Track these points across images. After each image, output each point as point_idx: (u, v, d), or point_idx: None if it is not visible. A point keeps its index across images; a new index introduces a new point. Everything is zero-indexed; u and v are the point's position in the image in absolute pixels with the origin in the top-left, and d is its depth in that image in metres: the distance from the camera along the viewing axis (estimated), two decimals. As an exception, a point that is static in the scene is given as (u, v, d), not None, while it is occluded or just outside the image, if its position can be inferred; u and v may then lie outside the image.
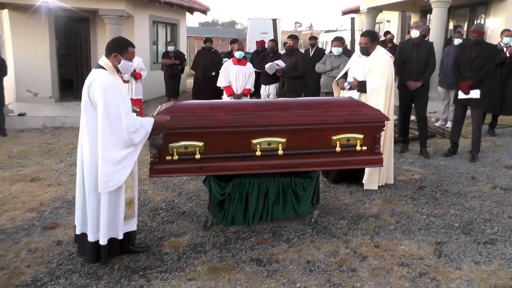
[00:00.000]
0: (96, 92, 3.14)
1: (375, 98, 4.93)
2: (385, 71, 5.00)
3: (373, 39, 5.19)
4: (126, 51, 3.42)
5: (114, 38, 3.61)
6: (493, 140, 7.71)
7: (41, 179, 5.64)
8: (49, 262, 3.53)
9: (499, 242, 3.95)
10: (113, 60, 3.35)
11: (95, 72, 3.27)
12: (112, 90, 3.18)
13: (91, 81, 3.19)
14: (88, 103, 3.20)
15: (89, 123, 3.21)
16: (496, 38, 9.94)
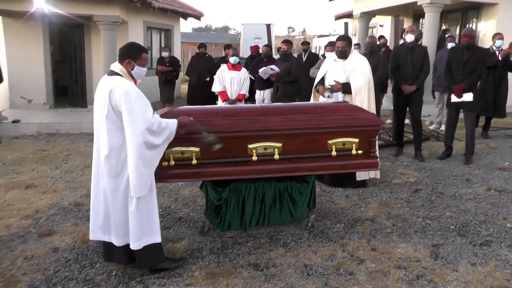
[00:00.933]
0: (120, 99, 3.08)
1: (360, 98, 5.11)
2: (366, 72, 5.18)
3: (350, 43, 5.37)
4: (140, 57, 3.37)
5: (127, 44, 3.55)
6: (487, 143, 7.76)
7: (36, 186, 5.61)
8: (45, 270, 3.51)
9: (494, 243, 3.98)
10: (126, 66, 3.31)
11: (113, 79, 3.21)
12: (137, 96, 3.15)
13: (112, 89, 3.12)
14: (111, 112, 3.13)
15: (111, 131, 3.17)
16: (488, 42, 10.04)
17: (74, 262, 3.63)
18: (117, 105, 3.11)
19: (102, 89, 3.22)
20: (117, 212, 3.28)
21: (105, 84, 3.22)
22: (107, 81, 3.23)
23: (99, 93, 3.24)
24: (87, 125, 9.40)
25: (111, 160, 3.21)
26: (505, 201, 5.04)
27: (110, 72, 3.32)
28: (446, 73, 6.55)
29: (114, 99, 3.11)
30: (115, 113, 3.14)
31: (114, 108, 3.13)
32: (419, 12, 12.01)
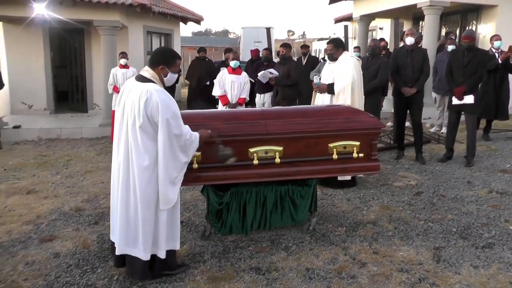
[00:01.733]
0: (157, 109, 2.99)
1: (342, 97, 5.21)
2: (350, 72, 5.20)
3: (337, 46, 5.44)
4: (174, 64, 3.30)
5: (161, 49, 3.47)
6: (488, 145, 7.75)
7: (37, 191, 5.61)
8: (46, 275, 3.51)
9: (497, 246, 3.96)
10: (159, 72, 3.21)
11: (147, 86, 3.07)
12: (174, 107, 3.09)
13: (148, 98, 3.00)
14: (146, 122, 3.02)
15: (145, 142, 3.07)
16: (488, 44, 10.07)
17: (75, 267, 3.62)
18: (153, 115, 3.01)
19: (133, 96, 3.08)
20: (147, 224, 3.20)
21: (137, 90, 3.08)
22: (139, 87, 3.09)
23: (130, 101, 3.10)
24: (87, 130, 9.42)
25: (148, 172, 3.10)
26: (507, 203, 5.03)
27: (140, 77, 3.20)
28: (447, 76, 6.55)
29: (151, 109, 3.00)
30: (151, 123, 3.04)
31: (149, 118, 3.03)
32: (419, 14, 12.02)
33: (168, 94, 3.14)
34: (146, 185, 3.12)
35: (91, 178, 6.21)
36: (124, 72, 8.43)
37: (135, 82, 3.17)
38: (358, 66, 5.33)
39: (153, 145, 3.09)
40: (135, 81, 3.19)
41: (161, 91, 3.09)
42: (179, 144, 3.11)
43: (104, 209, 4.94)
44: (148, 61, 3.34)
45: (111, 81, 8.46)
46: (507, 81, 7.80)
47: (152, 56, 3.33)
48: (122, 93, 3.25)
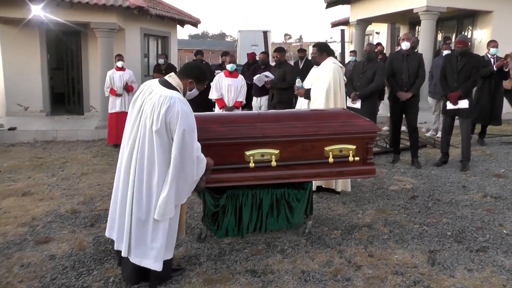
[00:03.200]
0: (177, 118, 2.96)
1: (317, 103, 5.24)
2: (328, 78, 5.20)
3: (321, 50, 5.46)
4: (203, 83, 3.35)
5: (197, 65, 3.49)
6: (483, 150, 7.80)
7: (33, 193, 5.60)
8: (42, 277, 3.50)
9: (491, 249, 3.99)
10: (186, 84, 3.23)
11: (170, 93, 3.06)
12: (193, 120, 3.07)
13: (170, 106, 2.97)
14: (163, 128, 2.99)
15: (159, 148, 3.02)
16: (483, 50, 10.13)
17: (71, 269, 3.62)
18: (172, 123, 2.98)
19: (155, 99, 3.05)
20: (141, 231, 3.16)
21: (160, 94, 3.06)
22: (163, 92, 3.07)
23: (151, 103, 3.06)
24: (84, 132, 9.42)
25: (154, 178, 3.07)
26: (501, 207, 5.06)
27: (164, 82, 3.18)
28: (441, 81, 6.59)
29: (170, 117, 2.97)
30: (167, 130, 3.01)
31: (167, 125, 2.99)
32: (415, 19, 12.09)
33: (190, 106, 3.12)
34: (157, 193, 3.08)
35: (87, 180, 6.20)
36: (120, 74, 8.43)
37: (158, 85, 3.15)
38: (338, 73, 5.29)
39: (165, 152, 3.05)
40: (158, 84, 3.17)
41: (184, 101, 3.09)
42: (190, 158, 3.07)
43: (100, 211, 4.94)
44: (179, 70, 3.35)
45: (107, 84, 8.45)
46: (501, 87, 7.87)
47: (185, 67, 3.36)
48: (140, 92, 3.24)
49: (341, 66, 5.42)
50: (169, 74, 3.30)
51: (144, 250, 3.16)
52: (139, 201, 3.12)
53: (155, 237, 3.14)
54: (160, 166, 3.04)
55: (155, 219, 3.10)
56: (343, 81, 5.39)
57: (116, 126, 8.38)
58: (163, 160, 3.04)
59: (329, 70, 5.24)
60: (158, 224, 3.13)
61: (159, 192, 3.07)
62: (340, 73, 5.34)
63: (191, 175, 3.12)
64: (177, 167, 3.01)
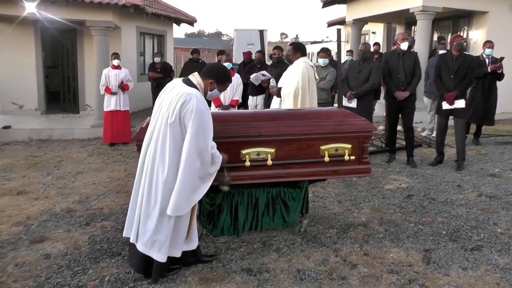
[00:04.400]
0: (191, 114, 3.03)
1: (287, 102, 5.35)
2: (297, 78, 5.30)
3: (296, 49, 5.53)
4: (224, 84, 3.42)
5: (219, 66, 3.57)
6: (478, 149, 7.83)
7: (28, 192, 5.58)
8: (37, 276, 3.49)
9: (485, 248, 4.01)
10: (207, 84, 3.30)
11: (189, 90, 3.15)
12: (208, 118, 3.12)
13: (186, 101, 3.06)
14: (177, 121, 3.07)
15: (171, 141, 3.09)
16: (479, 50, 10.16)
17: (66, 268, 3.61)
18: (185, 118, 3.05)
19: (173, 94, 3.15)
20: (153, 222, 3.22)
21: (179, 90, 3.15)
22: (182, 88, 3.16)
23: (169, 98, 3.16)
24: (79, 131, 9.39)
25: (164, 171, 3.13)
26: (496, 206, 5.09)
27: (186, 80, 3.27)
28: (436, 80, 6.60)
29: (185, 112, 3.05)
30: (181, 124, 3.08)
31: (181, 120, 3.07)
32: (411, 19, 12.11)
33: (207, 105, 3.18)
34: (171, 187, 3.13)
35: (83, 179, 6.18)
36: (116, 73, 8.40)
37: (180, 83, 3.25)
38: (308, 72, 5.34)
39: (177, 147, 3.10)
40: (181, 82, 3.27)
41: (201, 100, 3.15)
42: (202, 155, 3.10)
43: (95, 210, 4.93)
44: (202, 71, 3.40)
45: (103, 82, 8.42)
46: (495, 87, 7.92)
47: (207, 68, 3.42)
48: (165, 89, 3.32)
49: (312, 66, 5.49)
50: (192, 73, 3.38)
51: (149, 240, 3.22)
52: (148, 193, 3.20)
53: (158, 230, 3.21)
54: (170, 160, 3.11)
55: (160, 212, 3.16)
56: (313, 80, 5.44)
57: (111, 124, 8.37)
58: (174, 154, 3.10)
59: (299, 70, 5.32)
60: (162, 218, 3.19)
61: (167, 185, 3.12)
62: (310, 73, 5.40)
63: (203, 172, 3.17)
64: (187, 163, 3.06)
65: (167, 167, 3.12)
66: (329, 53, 7.54)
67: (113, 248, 3.99)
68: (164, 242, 3.22)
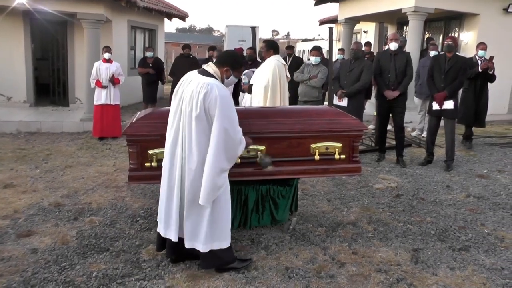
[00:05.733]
0: (215, 103, 3.05)
1: (256, 100, 5.39)
2: (267, 76, 5.33)
3: (269, 47, 5.57)
4: (239, 69, 3.43)
5: (231, 52, 3.62)
6: (467, 150, 7.89)
7: (15, 185, 5.52)
8: (23, 271, 3.45)
9: (472, 248, 4.04)
10: (223, 72, 3.32)
11: (207, 80, 3.16)
12: (232, 104, 3.15)
13: (208, 91, 3.07)
14: (202, 113, 3.08)
15: (199, 134, 3.12)
16: (470, 51, 10.24)
17: (53, 263, 3.58)
18: (210, 108, 3.06)
19: (193, 87, 3.15)
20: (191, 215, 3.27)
21: (198, 82, 3.16)
22: (200, 80, 3.18)
23: (189, 91, 3.16)
24: (68, 124, 9.30)
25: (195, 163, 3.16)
26: (483, 207, 5.13)
27: (202, 71, 3.29)
28: (429, 81, 6.64)
29: (209, 102, 3.06)
30: (206, 115, 3.09)
31: (206, 110, 3.08)
32: (403, 19, 12.16)
33: (228, 91, 3.22)
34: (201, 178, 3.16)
35: (72, 173, 6.13)
36: (107, 66, 8.33)
37: (197, 75, 3.26)
38: (279, 70, 5.37)
39: (205, 138, 3.13)
40: (197, 73, 3.27)
41: (222, 87, 3.17)
42: (230, 142, 3.14)
43: (84, 205, 4.89)
44: (216, 59, 3.43)
45: (93, 75, 8.34)
46: (486, 89, 7.92)
47: (221, 56, 3.46)
48: (181, 83, 3.32)
49: (283, 64, 5.51)
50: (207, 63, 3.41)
51: (193, 234, 3.28)
52: (185, 187, 3.23)
53: (200, 221, 3.26)
54: (200, 151, 3.13)
55: (199, 204, 3.20)
56: (285, 78, 5.47)
57: (101, 118, 8.31)
58: (204, 145, 3.13)
59: (270, 67, 5.34)
60: (202, 210, 3.24)
61: (200, 176, 3.15)
62: (282, 71, 5.43)
63: (231, 157, 3.22)
64: (216, 151, 3.09)
65: (196, 160, 3.15)
66: (321, 51, 7.55)
67: (101, 243, 3.96)
68: (208, 233, 3.28)
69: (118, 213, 4.69)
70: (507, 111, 11.79)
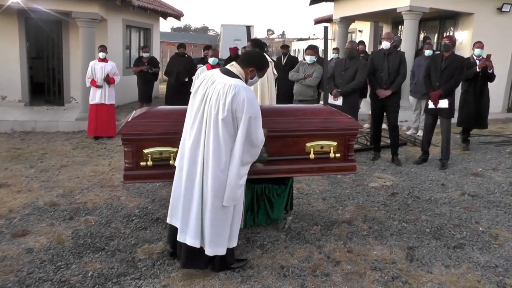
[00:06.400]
0: (243, 105, 3.02)
1: None
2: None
3: (254, 45, 5.62)
4: (263, 70, 3.42)
5: (257, 53, 3.58)
6: (462, 149, 7.91)
7: (10, 185, 5.50)
8: (18, 271, 3.44)
9: (467, 246, 4.07)
10: (247, 73, 3.29)
11: (235, 81, 3.13)
12: (258, 106, 3.14)
13: (236, 93, 3.03)
14: (229, 116, 3.05)
15: (225, 135, 3.08)
16: (465, 50, 10.28)
17: (49, 263, 3.57)
18: (238, 110, 3.04)
19: (219, 88, 3.10)
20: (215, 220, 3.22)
21: (224, 83, 3.11)
22: (227, 81, 3.13)
23: (216, 92, 3.11)
24: (64, 123, 9.28)
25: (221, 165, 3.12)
26: (478, 205, 5.16)
27: (226, 71, 3.24)
28: (425, 79, 6.66)
29: (236, 104, 3.03)
30: (233, 118, 3.06)
31: (233, 113, 3.05)
32: (398, 19, 12.18)
33: (253, 93, 3.20)
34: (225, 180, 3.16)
35: (67, 172, 6.12)
36: (102, 65, 8.31)
37: (220, 75, 3.20)
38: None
39: (230, 139, 3.11)
40: (221, 73, 3.22)
41: (248, 89, 3.15)
42: (254, 143, 3.15)
43: (79, 204, 4.88)
44: (240, 60, 3.39)
45: (89, 74, 8.33)
46: (487, 90, 7.72)
47: (246, 56, 3.44)
48: (201, 82, 3.27)
49: (270, 61, 5.44)
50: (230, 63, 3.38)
51: (216, 239, 3.24)
52: (207, 190, 3.18)
53: (223, 224, 3.24)
54: (226, 153, 3.11)
55: (222, 206, 3.19)
56: (272, 75, 5.47)
57: (95, 118, 8.29)
58: (227, 148, 3.11)
59: None
60: (225, 211, 3.22)
61: (224, 179, 3.14)
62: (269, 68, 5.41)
63: (253, 158, 3.25)
64: (241, 153, 3.09)
65: (223, 162, 3.12)
66: (316, 50, 7.56)
67: (97, 243, 3.96)
68: (231, 236, 3.31)
69: (114, 212, 4.69)
70: (501, 110, 11.84)
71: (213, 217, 3.20)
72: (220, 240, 3.26)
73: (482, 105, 7.73)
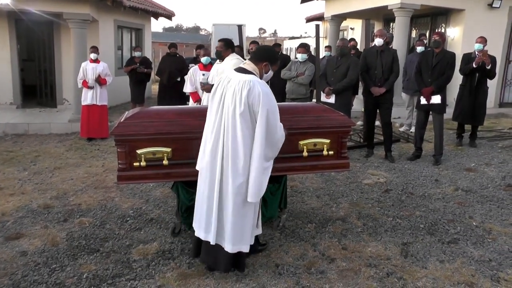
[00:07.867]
0: (259, 99, 3.05)
1: None
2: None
3: (227, 46, 5.68)
4: (276, 63, 3.44)
5: (268, 47, 3.63)
6: (455, 144, 7.95)
7: (3, 188, 5.47)
8: (12, 274, 3.43)
9: (461, 241, 4.09)
10: (261, 68, 3.32)
11: (249, 77, 3.15)
12: (274, 100, 3.15)
13: (251, 88, 3.07)
14: (246, 110, 3.07)
15: (244, 130, 3.09)
16: (456, 46, 10.32)
17: (43, 265, 3.56)
18: (254, 104, 3.06)
19: (234, 85, 3.13)
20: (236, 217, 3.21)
21: (239, 80, 3.14)
22: (241, 78, 3.15)
23: (231, 90, 3.13)
24: (56, 125, 9.23)
25: (241, 161, 3.13)
26: (471, 200, 5.19)
27: (240, 69, 3.27)
28: (416, 76, 6.68)
29: (252, 98, 3.06)
30: (250, 112, 3.08)
31: (250, 107, 3.07)
32: (390, 16, 12.22)
33: (268, 87, 3.21)
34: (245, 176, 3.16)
35: (60, 174, 6.09)
36: (94, 66, 8.28)
37: (235, 73, 3.23)
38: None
39: (250, 134, 3.12)
40: (235, 72, 3.25)
41: (263, 83, 3.18)
42: (274, 138, 3.16)
43: (73, 206, 4.87)
44: (251, 56, 3.44)
45: (80, 75, 8.29)
46: (485, 86, 7.61)
47: (258, 52, 3.44)
48: (218, 83, 3.29)
49: (242, 61, 5.48)
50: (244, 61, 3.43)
51: (239, 236, 3.24)
52: (229, 189, 3.18)
53: (247, 220, 3.25)
54: (246, 148, 3.12)
55: (245, 202, 3.19)
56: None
57: (87, 119, 8.27)
58: (249, 143, 3.12)
59: (230, 66, 5.30)
60: (247, 208, 3.23)
61: (246, 174, 3.14)
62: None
63: (275, 152, 3.25)
64: (262, 146, 3.09)
65: (242, 158, 3.12)
66: (308, 49, 7.56)
67: (91, 244, 3.95)
68: (253, 231, 3.32)
69: (108, 213, 4.67)
70: (493, 105, 11.90)
71: (235, 214, 3.20)
72: (243, 237, 3.26)
73: (478, 101, 7.58)
